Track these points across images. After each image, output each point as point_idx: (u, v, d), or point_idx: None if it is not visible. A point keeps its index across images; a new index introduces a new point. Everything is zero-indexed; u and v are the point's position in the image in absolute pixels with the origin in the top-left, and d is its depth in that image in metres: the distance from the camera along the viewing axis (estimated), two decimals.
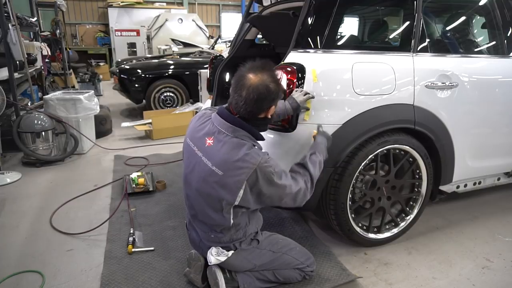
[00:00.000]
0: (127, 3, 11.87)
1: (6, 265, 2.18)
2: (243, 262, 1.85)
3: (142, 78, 5.93)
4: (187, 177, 1.81)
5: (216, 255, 1.79)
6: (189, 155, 1.79)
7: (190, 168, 1.78)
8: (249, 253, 1.85)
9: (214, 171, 1.65)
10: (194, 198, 1.80)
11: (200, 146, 1.72)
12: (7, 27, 4.12)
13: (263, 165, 1.62)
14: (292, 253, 1.94)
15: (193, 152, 1.75)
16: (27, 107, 4.21)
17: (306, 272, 1.98)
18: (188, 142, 1.81)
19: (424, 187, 2.39)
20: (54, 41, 7.22)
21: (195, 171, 1.74)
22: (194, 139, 1.77)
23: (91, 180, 3.46)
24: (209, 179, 1.67)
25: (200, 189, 1.73)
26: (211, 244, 1.83)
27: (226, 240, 1.80)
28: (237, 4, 15.63)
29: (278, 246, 1.93)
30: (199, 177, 1.72)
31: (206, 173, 1.68)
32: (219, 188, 1.65)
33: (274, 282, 1.95)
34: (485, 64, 2.57)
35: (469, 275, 2.13)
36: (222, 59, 3.24)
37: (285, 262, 1.92)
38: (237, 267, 1.86)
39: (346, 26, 2.36)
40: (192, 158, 1.76)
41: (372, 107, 2.09)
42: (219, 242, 1.82)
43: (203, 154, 1.70)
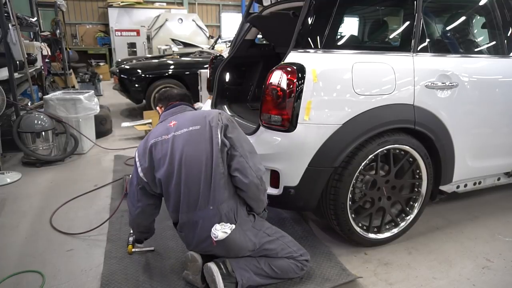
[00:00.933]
0: (127, 3, 11.87)
1: (6, 265, 2.18)
2: (245, 238, 1.86)
3: (142, 78, 5.93)
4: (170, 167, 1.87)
5: (221, 229, 1.80)
6: (161, 149, 1.91)
7: (168, 155, 1.87)
8: (248, 228, 1.89)
9: (193, 129, 1.91)
10: (186, 176, 1.84)
11: (167, 132, 1.94)
12: (7, 27, 4.12)
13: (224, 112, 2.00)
14: (285, 240, 2.00)
15: (164, 141, 1.92)
16: (27, 107, 4.21)
17: (301, 262, 1.98)
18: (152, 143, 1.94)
19: (424, 187, 2.39)
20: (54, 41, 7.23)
21: (175, 148, 1.88)
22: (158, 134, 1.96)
23: (91, 180, 3.46)
24: (192, 137, 1.89)
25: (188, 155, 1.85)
26: (211, 221, 1.83)
27: (225, 208, 1.84)
28: (237, 4, 15.63)
29: (272, 231, 2.00)
30: (182, 146, 1.87)
31: (187, 136, 1.89)
32: (204, 138, 1.87)
33: (273, 277, 1.94)
34: (485, 64, 2.57)
35: (469, 275, 2.13)
36: (222, 59, 3.24)
37: (280, 247, 1.95)
38: (239, 246, 1.85)
39: (346, 26, 2.36)
40: (165, 146, 1.90)
41: (372, 107, 2.09)
42: (219, 214, 1.83)
43: (174, 131, 1.93)
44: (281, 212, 2.79)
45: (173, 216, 1.98)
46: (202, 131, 1.88)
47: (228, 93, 3.23)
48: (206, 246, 1.88)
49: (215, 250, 1.88)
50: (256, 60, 3.39)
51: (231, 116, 2.78)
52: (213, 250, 1.88)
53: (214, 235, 1.79)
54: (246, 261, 1.92)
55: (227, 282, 1.84)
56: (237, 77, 3.33)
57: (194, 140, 1.87)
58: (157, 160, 1.91)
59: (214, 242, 1.81)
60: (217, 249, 1.86)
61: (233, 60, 3.20)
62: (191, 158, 1.85)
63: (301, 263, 1.98)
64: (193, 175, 1.84)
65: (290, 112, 2.00)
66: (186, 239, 1.98)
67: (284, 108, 2.01)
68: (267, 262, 1.93)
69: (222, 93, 3.19)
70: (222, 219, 1.83)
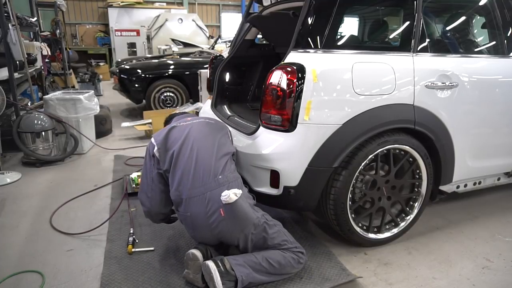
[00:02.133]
0: (127, 3, 11.87)
1: (6, 265, 2.18)
2: (250, 209, 1.94)
3: (142, 78, 5.93)
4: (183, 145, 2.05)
5: (230, 191, 1.89)
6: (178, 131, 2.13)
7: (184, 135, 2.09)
8: (251, 203, 1.98)
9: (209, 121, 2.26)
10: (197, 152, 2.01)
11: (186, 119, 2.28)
12: (7, 27, 4.12)
13: None
14: (280, 228, 2.04)
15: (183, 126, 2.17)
16: (27, 107, 4.22)
17: (297, 254, 1.99)
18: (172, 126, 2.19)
19: (424, 187, 2.40)
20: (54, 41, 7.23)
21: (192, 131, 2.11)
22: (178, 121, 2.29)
23: (91, 180, 3.46)
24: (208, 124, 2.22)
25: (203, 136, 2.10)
26: (221, 188, 1.92)
27: (232, 177, 1.99)
28: (237, 4, 15.63)
29: (269, 217, 2.05)
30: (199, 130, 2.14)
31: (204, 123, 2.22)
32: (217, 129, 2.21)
33: (271, 272, 1.94)
34: (485, 64, 2.57)
35: (469, 275, 2.13)
36: (222, 59, 3.24)
37: (277, 233, 2.00)
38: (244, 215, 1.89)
39: (346, 26, 2.37)
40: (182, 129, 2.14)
41: (372, 107, 2.09)
42: (227, 181, 1.95)
43: (193, 120, 2.24)
44: (281, 212, 2.79)
45: (174, 195, 2.01)
46: (217, 125, 2.26)
47: (228, 93, 3.23)
48: (214, 221, 1.89)
49: (222, 225, 1.90)
50: (256, 60, 3.39)
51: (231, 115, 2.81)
52: (220, 226, 1.90)
53: (225, 196, 1.86)
54: (244, 257, 1.93)
55: (226, 280, 1.84)
56: (237, 77, 3.33)
57: (210, 126, 2.21)
58: (173, 139, 2.10)
59: (222, 212, 1.87)
60: (225, 221, 1.88)
61: (233, 60, 3.20)
62: (206, 136, 2.11)
63: (297, 255, 1.99)
64: (206, 149, 2.04)
65: (290, 112, 2.00)
66: (192, 220, 1.97)
67: (284, 108, 2.01)
68: (264, 257, 1.93)
69: (222, 93, 3.18)
70: (230, 186, 1.93)
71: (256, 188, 2.20)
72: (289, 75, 1.99)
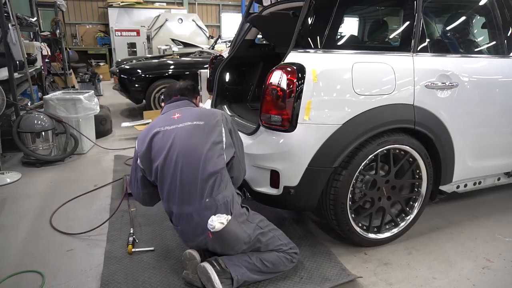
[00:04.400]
0: (127, 3, 11.87)
1: (6, 265, 2.18)
2: (240, 230, 1.88)
3: (142, 78, 5.93)
4: (167, 159, 1.90)
5: (217, 219, 1.81)
6: (162, 139, 1.95)
7: (168, 146, 1.91)
8: (242, 220, 1.92)
9: (197, 124, 1.96)
10: (182, 170, 1.87)
11: (171, 123, 1.99)
12: (7, 27, 4.12)
13: (225, 114, 2.08)
14: (276, 233, 2.03)
15: (167, 132, 1.96)
16: (27, 107, 4.22)
17: (290, 254, 2.01)
18: (155, 132, 1.98)
19: (424, 187, 2.40)
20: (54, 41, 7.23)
21: (176, 141, 1.91)
22: (161, 124, 2.01)
23: (91, 180, 3.46)
24: (195, 132, 1.94)
25: (188, 150, 1.88)
26: (208, 213, 1.84)
27: (221, 201, 1.86)
28: (237, 4, 15.63)
29: (264, 223, 2.03)
30: (183, 139, 1.91)
31: (190, 129, 1.94)
32: (206, 135, 1.93)
33: (265, 271, 1.95)
34: (485, 64, 2.57)
35: (469, 275, 2.13)
36: (222, 59, 3.24)
37: (272, 239, 1.98)
38: (235, 237, 1.86)
39: (346, 26, 2.37)
40: (166, 136, 1.94)
41: (372, 107, 2.09)
42: (215, 206, 1.84)
43: (178, 123, 1.98)
44: (281, 212, 2.79)
45: (165, 206, 2.00)
46: (206, 127, 1.95)
47: (228, 93, 3.23)
48: (203, 239, 1.88)
49: (211, 244, 1.89)
50: (256, 60, 3.39)
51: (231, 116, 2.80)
52: (210, 244, 1.89)
53: (211, 226, 1.80)
54: (238, 258, 1.93)
55: (223, 278, 1.84)
56: (237, 77, 3.33)
57: (197, 134, 1.93)
58: (156, 149, 1.94)
59: (210, 234, 1.83)
60: (214, 242, 1.86)
61: (233, 60, 3.20)
62: (191, 150, 1.88)
63: (291, 256, 2.01)
64: (191, 167, 1.87)
65: (290, 112, 2.00)
66: (182, 233, 1.99)
67: (284, 108, 2.01)
68: (258, 257, 1.94)
69: (222, 93, 3.19)
70: (218, 210, 1.85)
71: (256, 188, 2.20)
72: (289, 75, 1.99)
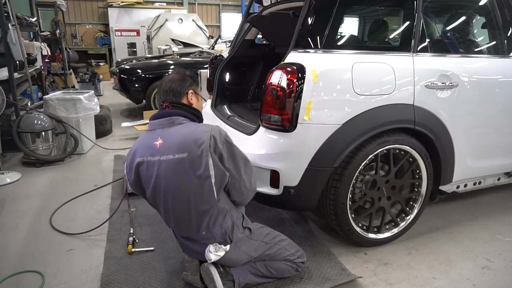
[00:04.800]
0: (127, 3, 11.86)
1: (6, 265, 2.18)
2: (240, 255, 1.85)
3: (142, 78, 5.93)
4: (156, 191, 1.78)
5: (214, 251, 1.78)
6: (147, 171, 1.76)
7: (153, 180, 1.75)
8: (244, 244, 1.86)
9: (179, 157, 1.68)
10: (173, 205, 1.76)
11: (153, 152, 1.74)
12: (7, 27, 4.12)
13: (216, 130, 1.72)
14: (283, 244, 1.98)
15: (150, 163, 1.74)
16: (27, 107, 4.21)
17: (297, 263, 1.99)
18: (139, 162, 1.77)
19: (424, 187, 2.39)
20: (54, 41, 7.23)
21: (161, 175, 1.72)
22: (144, 152, 1.77)
23: (91, 180, 3.46)
24: (179, 169, 1.69)
25: (175, 187, 1.72)
26: (206, 242, 1.81)
27: (218, 233, 1.78)
28: (237, 4, 15.63)
29: (270, 237, 1.96)
30: (167, 176, 1.71)
31: (173, 165, 1.69)
32: (191, 169, 1.67)
33: (268, 276, 1.95)
34: (485, 64, 2.57)
35: (469, 275, 2.13)
36: (222, 59, 3.24)
37: (278, 253, 1.94)
38: (235, 262, 1.86)
39: (346, 26, 2.37)
40: (150, 169, 1.74)
41: (372, 107, 2.08)
42: (213, 238, 1.79)
43: (160, 154, 1.72)
44: (281, 212, 2.79)
45: (166, 224, 1.95)
46: (191, 160, 1.67)
47: (228, 93, 3.23)
48: (201, 257, 1.87)
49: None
50: (256, 60, 3.39)
51: (231, 116, 2.80)
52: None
53: (208, 257, 1.79)
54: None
55: (225, 280, 1.85)
56: (237, 77, 3.34)
57: (181, 172, 1.69)
58: (144, 180, 1.81)
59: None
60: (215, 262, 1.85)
61: (233, 60, 3.20)
62: (178, 189, 1.72)
63: (297, 265, 1.99)
64: (180, 206, 1.75)
65: (290, 112, 2.00)
66: (182, 246, 1.97)
67: (284, 108, 2.01)
68: (264, 264, 1.94)
69: (222, 93, 3.19)
70: (216, 240, 1.80)
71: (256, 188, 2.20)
72: (289, 75, 1.99)
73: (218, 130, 1.72)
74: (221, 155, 1.70)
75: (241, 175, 1.79)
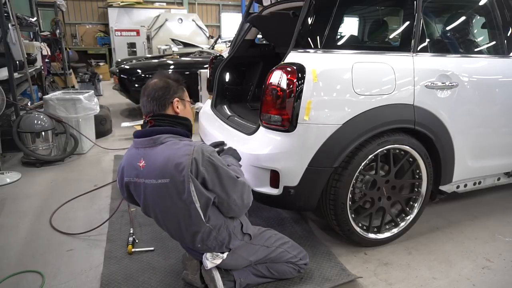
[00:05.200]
0: (127, 3, 11.86)
1: (6, 265, 2.18)
2: (239, 260, 1.85)
3: (142, 78, 5.92)
4: (146, 209, 1.79)
5: (211, 259, 1.79)
6: (135, 190, 1.74)
7: (142, 199, 1.74)
8: (244, 250, 1.85)
9: (162, 183, 1.62)
10: (164, 223, 1.78)
11: (138, 174, 1.69)
12: (7, 27, 4.12)
13: (198, 151, 1.60)
14: (285, 247, 1.97)
15: (137, 184, 1.71)
16: (27, 107, 4.21)
17: (299, 265, 1.98)
18: (127, 181, 1.74)
19: (424, 187, 2.39)
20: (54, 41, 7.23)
21: (147, 196, 1.70)
22: (130, 173, 1.72)
23: (91, 180, 3.46)
24: (163, 193, 1.64)
25: (162, 209, 1.71)
26: (203, 252, 1.82)
27: (214, 245, 1.77)
28: (237, 4, 15.63)
29: (272, 240, 1.95)
30: (154, 199, 1.69)
31: (158, 190, 1.65)
32: (176, 194, 1.62)
33: (269, 277, 1.96)
34: (485, 64, 2.57)
35: (469, 275, 2.13)
36: (222, 59, 3.24)
37: (279, 256, 1.93)
38: (233, 266, 1.87)
39: (346, 26, 2.37)
40: (138, 189, 1.72)
41: (372, 107, 2.08)
42: (209, 249, 1.79)
43: (144, 177, 1.67)
44: (281, 212, 2.79)
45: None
46: (174, 186, 1.61)
47: (228, 93, 3.23)
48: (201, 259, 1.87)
49: None
50: (256, 60, 3.39)
51: (230, 116, 2.80)
52: None
53: (205, 264, 1.80)
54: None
55: (226, 280, 1.85)
56: (237, 77, 3.34)
57: (166, 196, 1.65)
58: (135, 196, 1.78)
59: None
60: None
61: (233, 60, 3.20)
62: (166, 211, 1.70)
63: (299, 267, 1.99)
64: (172, 225, 1.76)
65: (290, 112, 2.00)
66: (183, 247, 1.99)
67: (284, 108, 2.01)
68: (265, 266, 1.94)
69: (222, 93, 3.19)
70: (213, 251, 1.80)
71: (256, 188, 2.20)
72: (289, 75, 1.99)
73: (200, 151, 1.60)
74: (203, 179, 1.60)
75: (229, 195, 1.68)
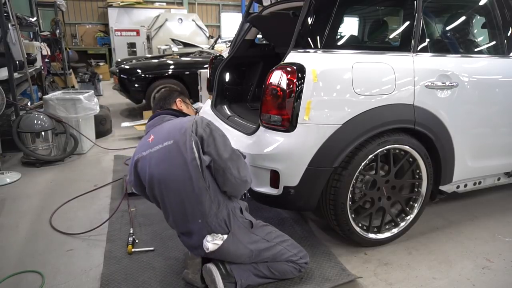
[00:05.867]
0: (127, 3, 11.86)
1: (6, 265, 2.18)
2: (239, 246, 1.85)
3: (142, 78, 5.93)
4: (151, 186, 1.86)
5: (211, 240, 1.80)
6: (141, 167, 1.89)
7: (148, 173, 1.85)
8: (244, 235, 1.87)
9: (167, 145, 1.81)
10: (167, 196, 1.84)
11: (146, 148, 1.88)
12: (7, 27, 4.12)
13: (199, 118, 1.87)
14: (285, 245, 1.98)
15: (143, 158, 1.88)
16: (27, 107, 4.21)
17: (300, 264, 1.98)
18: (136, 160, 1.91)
19: (424, 187, 2.39)
20: (54, 41, 7.23)
21: (152, 166, 1.83)
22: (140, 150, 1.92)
23: (91, 180, 3.46)
24: (166, 156, 1.80)
25: (166, 176, 1.80)
26: (202, 232, 1.83)
27: (214, 223, 1.82)
28: (237, 4, 15.63)
29: (272, 236, 1.97)
30: (158, 165, 1.81)
31: (162, 154, 1.81)
32: (178, 154, 1.77)
33: (270, 277, 1.95)
34: (485, 64, 2.57)
35: (469, 275, 2.13)
36: (222, 59, 3.24)
37: (279, 253, 1.93)
38: (234, 254, 1.85)
39: (346, 26, 2.37)
40: (144, 164, 1.87)
41: (372, 107, 2.09)
42: (209, 227, 1.81)
43: (152, 146, 1.86)
44: (281, 212, 2.79)
45: (170, 225, 2.00)
46: (176, 145, 1.78)
47: (228, 93, 3.23)
48: (201, 252, 1.87)
49: (212, 256, 1.88)
50: (256, 60, 3.39)
51: (230, 116, 2.80)
52: (210, 256, 1.88)
53: (205, 246, 1.80)
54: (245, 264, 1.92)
55: (227, 282, 1.85)
56: (237, 77, 3.33)
57: (169, 157, 1.79)
58: (142, 178, 1.91)
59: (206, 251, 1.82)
60: (213, 255, 1.86)
61: (233, 60, 3.20)
62: (167, 177, 1.80)
63: (300, 266, 1.99)
64: (173, 195, 1.82)
65: (290, 112, 2.00)
66: (184, 243, 2.00)
67: (284, 108, 2.01)
68: (266, 265, 1.94)
69: (222, 93, 3.19)
70: (213, 230, 1.82)
71: (256, 188, 2.20)
72: (289, 75, 1.99)
73: (201, 118, 1.87)
74: (201, 137, 1.79)
75: (223, 159, 1.79)
